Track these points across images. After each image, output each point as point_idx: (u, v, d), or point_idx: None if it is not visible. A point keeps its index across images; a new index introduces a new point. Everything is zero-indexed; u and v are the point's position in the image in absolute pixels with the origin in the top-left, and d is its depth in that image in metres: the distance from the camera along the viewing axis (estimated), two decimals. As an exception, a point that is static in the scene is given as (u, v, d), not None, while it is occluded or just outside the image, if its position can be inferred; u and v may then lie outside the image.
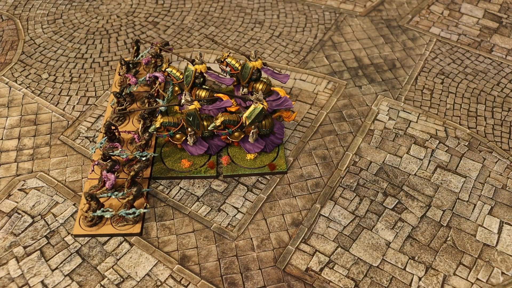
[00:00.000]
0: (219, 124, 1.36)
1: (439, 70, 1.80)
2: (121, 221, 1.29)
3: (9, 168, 1.45)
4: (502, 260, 1.25)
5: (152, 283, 1.19)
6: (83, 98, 1.67)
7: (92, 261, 1.24)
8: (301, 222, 1.32)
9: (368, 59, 1.84)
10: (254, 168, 1.43)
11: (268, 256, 1.25)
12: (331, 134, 1.55)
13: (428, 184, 1.41)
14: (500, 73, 1.79)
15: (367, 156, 1.49)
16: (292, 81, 1.74)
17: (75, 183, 1.41)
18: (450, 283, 1.21)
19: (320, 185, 1.41)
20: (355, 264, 1.24)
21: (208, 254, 1.25)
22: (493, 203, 1.37)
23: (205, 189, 1.40)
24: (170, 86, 1.57)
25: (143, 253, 1.25)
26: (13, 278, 1.20)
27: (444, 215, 1.34)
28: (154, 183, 1.41)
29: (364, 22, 2.02)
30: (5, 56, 1.85)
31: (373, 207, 1.36)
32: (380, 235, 1.30)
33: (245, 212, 1.34)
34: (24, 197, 1.37)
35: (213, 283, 1.20)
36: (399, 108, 1.64)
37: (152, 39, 1.93)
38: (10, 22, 2.03)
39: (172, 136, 1.41)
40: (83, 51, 1.88)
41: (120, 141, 1.47)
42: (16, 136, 1.55)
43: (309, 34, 1.96)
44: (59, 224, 1.31)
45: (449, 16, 2.06)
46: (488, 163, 1.47)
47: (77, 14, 2.07)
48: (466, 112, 1.64)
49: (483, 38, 1.95)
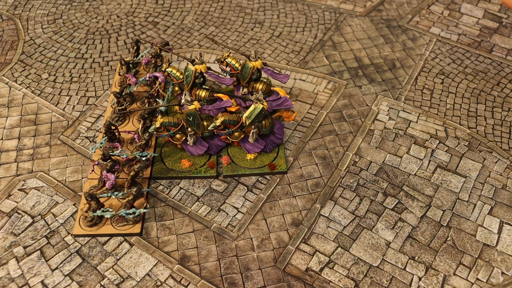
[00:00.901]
0: (219, 124, 1.36)
1: (439, 70, 1.80)
2: (121, 221, 1.29)
3: (9, 168, 1.45)
4: (502, 260, 1.25)
5: (152, 283, 1.19)
6: (83, 98, 1.67)
7: (92, 261, 1.23)
8: (301, 222, 1.32)
9: (368, 59, 1.84)
10: (254, 168, 1.43)
11: (268, 256, 1.25)
12: (331, 134, 1.55)
13: (428, 184, 1.41)
14: (500, 73, 1.79)
15: (367, 156, 1.49)
16: (292, 81, 1.74)
17: (75, 183, 1.41)
18: (450, 283, 1.21)
19: (320, 185, 1.41)
20: (355, 264, 1.24)
21: (208, 254, 1.25)
22: (493, 203, 1.37)
23: (205, 189, 1.40)
24: (170, 86, 1.57)
25: (143, 253, 1.25)
26: (13, 278, 1.20)
27: (444, 215, 1.34)
28: (154, 183, 1.41)
29: (364, 22, 2.02)
30: (5, 56, 1.85)
31: (373, 207, 1.36)
32: (380, 235, 1.30)
33: (245, 212, 1.34)
34: (24, 197, 1.37)
35: (213, 283, 1.20)
36: (399, 108, 1.64)
37: (152, 39, 1.93)
38: (10, 22, 2.03)
39: (172, 136, 1.41)
40: (83, 51, 1.88)
41: (120, 141, 1.47)
42: (16, 136, 1.55)
43: (309, 34, 1.96)
44: (59, 224, 1.31)
45: (449, 16, 2.06)
46: (488, 163, 1.47)
47: (77, 14, 2.07)
48: (466, 112, 1.64)
49: (483, 38, 1.95)
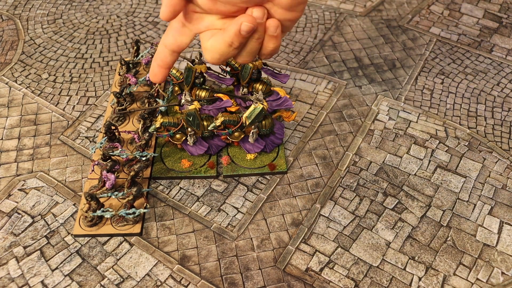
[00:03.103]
0: (219, 124, 1.36)
1: (439, 70, 1.80)
2: (121, 221, 1.29)
3: (9, 168, 1.45)
4: (502, 260, 1.25)
5: (152, 283, 1.19)
6: (83, 98, 1.67)
7: (92, 261, 1.23)
8: (301, 222, 1.32)
9: (368, 59, 1.84)
10: (254, 168, 1.43)
11: (268, 256, 1.25)
12: (331, 134, 1.55)
13: (428, 184, 1.41)
14: (500, 73, 1.79)
15: (367, 156, 1.49)
16: (292, 81, 1.74)
17: (75, 183, 1.41)
18: (450, 283, 1.21)
19: (320, 185, 1.41)
20: (355, 264, 1.24)
21: (208, 254, 1.25)
22: (493, 203, 1.37)
23: (205, 189, 1.40)
24: (170, 86, 1.57)
25: (143, 253, 1.25)
26: (13, 278, 1.20)
27: (444, 215, 1.34)
28: (154, 183, 1.41)
29: (364, 22, 2.02)
30: (5, 56, 1.85)
31: (373, 207, 1.36)
32: (380, 235, 1.30)
33: (245, 212, 1.34)
34: (24, 197, 1.37)
35: (213, 283, 1.20)
36: (399, 108, 1.64)
37: (152, 39, 1.93)
38: (10, 22, 2.03)
39: (172, 136, 1.41)
40: (83, 51, 1.88)
41: (120, 141, 1.47)
42: (16, 136, 1.55)
43: (309, 34, 1.96)
44: (59, 224, 1.31)
45: (449, 16, 2.06)
46: (488, 163, 1.47)
47: (77, 14, 2.07)
48: (466, 112, 1.64)
49: (483, 38, 1.95)
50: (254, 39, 0.66)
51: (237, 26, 0.63)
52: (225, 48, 0.66)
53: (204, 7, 0.65)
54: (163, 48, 0.71)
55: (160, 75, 0.78)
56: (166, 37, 0.69)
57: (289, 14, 0.65)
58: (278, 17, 0.66)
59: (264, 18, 0.65)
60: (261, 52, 0.70)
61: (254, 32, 0.65)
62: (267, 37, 0.67)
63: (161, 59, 0.73)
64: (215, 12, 0.66)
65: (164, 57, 0.72)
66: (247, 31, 0.63)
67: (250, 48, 0.67)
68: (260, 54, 0.70)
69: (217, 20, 0.67)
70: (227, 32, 0.64)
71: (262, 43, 0.68)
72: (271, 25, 0.65)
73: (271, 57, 1.36)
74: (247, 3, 0.63)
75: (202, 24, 0.67)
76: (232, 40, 0.64)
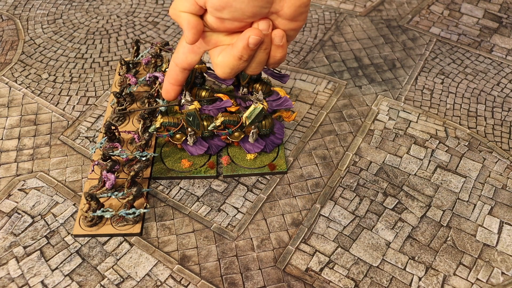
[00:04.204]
0: (219, 124, 1.36)
1: (439, 70, 1.80)
2: (121, 221, 1.29)
3: (9, 168, 1.45)
4: (502, 260, 1.25)
5: (152, 283, 1.19)
6: (83, 98, 1.67)
7: (92, 261, 1.23)
8: (301, 222, 1.32)
9: (368, 59, 1.84)
10: (254, 168, 1.43)
11: (268, 256, 1.25)
12: (331, 134, 1.55)
13: (428, 184, 1.41)
14: (500, 73, 1.79)
15: (367, 156, 1.49)
16: (292, 81, 1.74)
17: (75, 183, 1.41)
18: (450, 283, 1.21)
19: (320, 185, 1.41)
20: (355, 264, 1.24)
21: (208, 254, 1.25)
22: (493, 203, 1.37)
23: (205, 189, 1.40)
24: (170, 86, 1.57)
25: (143, 253, 1.25)
26: (13, 278, 1.20)
27: (444, 215, 1.34)
28: (154, 183, 1.41)
29: (364, 22, 2.02)
30: (5, 56, 1.85)
31: (373, 207, 1.36)
32: (380, 235, 1.30)
33: (245, 212, 1.34)
34: (24, 197, 1.37)
35: (213, 283, 1.20)
36: (399, 108, 1.64)
37: (152, 39, 1.93)
38: (10, 22, 2.03)
39: (172, 136, 1.41)
40: (83, 51, 1.88)
41: (120, 141, 1.47)
42: (16, 136, 1.55)
43: (309, 34, 1.96)
44: (59, 224, 1.31)
45: (449, 16, 2.06)
46: (488, 163, 1.47)
47: (77, 14, 2.07)
48: (466, 112, 1.64)
49: (483, 38, 1.95)
50: (262, 50, 0.68)
51: (245, 40, 0.65)
52: (235, 62, 0.68)
53: (213, 26, 0.66)
54: (174, 66, 0.73)
55: (173, 92, 0.81)
56: (177, 56, 0.71)
57: (293, 24, 0.67)
58: (282, 27, 0.67)
59: (270, 29, 0.67)
60: (269, 62, 0.72)
61: (261, 43, 0.67)
62: (274, 47, 0.69)
63: (173, 77, 0.75)
64: (222, 30, 0.67)
65: (176, 75, 0.74)
66: (255, 44, 0.65)
67: (259, 59, 0.69)
68: (268, 63, 0.72)
69: (224, 36, 0.68)
70: (236, 46, 0.66)
71: (269, 53, 0.70)
72: (277, 35, 0.67)
73: (278, 66, 1.37)
74: (253, 18, 0.64)
75: (211, 41, 0.69)
76: (241, 53, 0.65)
